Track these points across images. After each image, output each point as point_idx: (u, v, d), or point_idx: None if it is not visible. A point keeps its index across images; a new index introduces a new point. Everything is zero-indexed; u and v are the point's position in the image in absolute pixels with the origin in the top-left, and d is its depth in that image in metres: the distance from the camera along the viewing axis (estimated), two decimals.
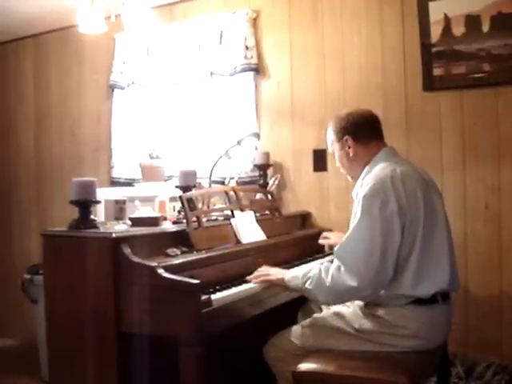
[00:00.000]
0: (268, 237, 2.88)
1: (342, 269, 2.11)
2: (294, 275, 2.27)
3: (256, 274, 2.43)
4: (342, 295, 2.16)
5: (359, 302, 2.29)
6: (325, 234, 3.14)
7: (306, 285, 2.19)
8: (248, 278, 2.42)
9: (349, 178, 2.49)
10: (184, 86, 3.97)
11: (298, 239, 3.15)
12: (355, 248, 2.12)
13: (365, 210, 2.14)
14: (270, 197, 3.24)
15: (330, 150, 2.51)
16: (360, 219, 2.14)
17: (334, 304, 2.34)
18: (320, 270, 2.17)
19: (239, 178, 3.57)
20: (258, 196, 3.37)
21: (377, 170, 2.25)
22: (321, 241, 3.14)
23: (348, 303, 2.34)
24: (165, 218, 2.69)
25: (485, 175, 3.06)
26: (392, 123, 3.19)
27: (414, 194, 2.17)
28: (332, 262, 2.19)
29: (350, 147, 2.36)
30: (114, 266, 2.14)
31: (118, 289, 2.14)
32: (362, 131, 2.36)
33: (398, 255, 2.12)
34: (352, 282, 2.08)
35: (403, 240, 2.12)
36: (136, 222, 2.51)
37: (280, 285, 2.34)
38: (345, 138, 2.36)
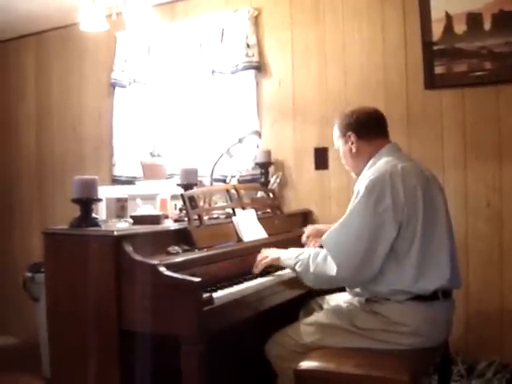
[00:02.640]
0: (269, 235, 2.88)
1: (328, 257, 2.16)
2: (289, 256, 2.38)
3: (257, 262, 2.53)
4: (325, 282, 2.25)
5: (360, 299, 2.30)
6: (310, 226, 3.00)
7: (296, 266, 2.30)
8: (254, 269, 2.52)
9: (353, 174, 2.50)
10: (185, 84, 3.97)
11: (299, 237, 3.13)
12: (341, 239, 2.17)
13: (359, 204, 2.17)
14: (271, 195, 3.24)
15: (335, 145, 2.53)
16: (352, 212, 2.18)
17: (321, 288, 2.45)
18: (309, 255, 2.25)
19: (240, 176, 3.57)
20: (260, 194, 3.38)
21: (378, 165, 2.27)
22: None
23: (349, 300, 2.36)
24: (166, 216, 2.69)
25: (486, 173, 3.05)
26: (393, 121, 3.15)
27: (414, 191, 2.17)
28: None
29: (352, 143, 2.39)
30: (115, 264, 2.14)
31: (120, 287, 2.14)
32: (365, 128, 2.38)
33: (396, 251, 2.14)
34: (332, 271, 2.14)
35: (401, 236, 2.13)
36: (137, 220, 2.51)
37: (276, 263, 2.47)
38: (348, 133, 2.39)
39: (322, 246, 2.27)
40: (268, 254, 2.51)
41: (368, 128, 2.39)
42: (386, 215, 2.11)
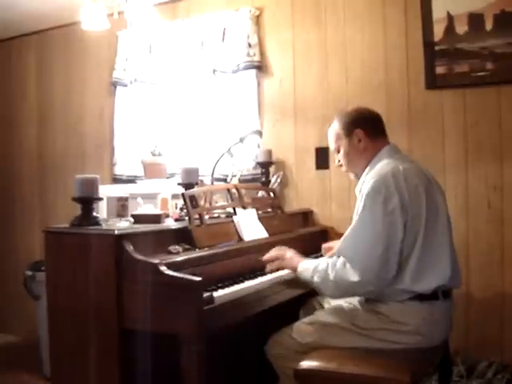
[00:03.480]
0: (270, 234, 2.88)
1: (347, 265, 2.14)
2: (306, 267, 2.32)
3: (272, 254, 2.47)
4: (346, 290, 2.19)
5: (360, 298, 2.30)
6: (325, 245, 2.97)
7: (315, 278, 2.24)
8: (263, 258, 2.47)
9: (351, 176, 2.49)
10: (186, 84, 3.97)
11: (300, 237, 3.15)
12: (358, 244, 2.15)
13: (367, 206, 2.15)
14: (272, 194, 3.24)
15: (332, 146, 2.50)
16: (363, 215, 2.17)
17: (340, 298, 2.36)
18: (327, 265, 2.21)
19: (241, 175, 3.57)
20: (260, 194, 3.38)
21: (379, 167, 2.27)
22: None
23: (349, 299, 2.36)
24: (167, 215, 2.69)
25: (487, 174, 3.05)
26: (394, 121, 3.19)
27: (416, 191, 2.18)
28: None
29: (360, 140, 2.37)
30: (116, 263, 2.14)
31: (120, 286, 2.14)
32: (372, 125, 2.39)
33: (400, 251, 2.13)
34: (355, 277, 2.11)
35: (405, 236, 2.13)
36: (138, 219, 2.51)
37: (292, 271, 2.41)
38: (356, 130, 2.37)
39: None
40: (285, 256, 2.43)
41: (374, 126, 2.40)
42: (396, 213, 2.12)
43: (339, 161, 2.49)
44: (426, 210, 2.17)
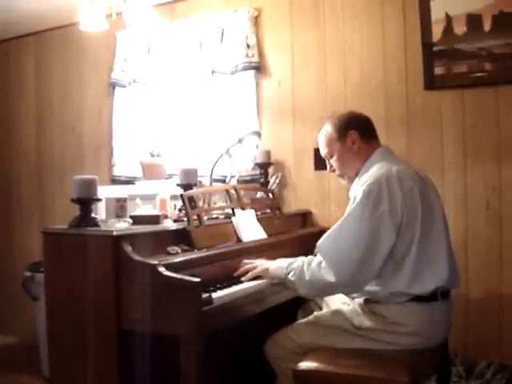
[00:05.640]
0: (269, 235, 2.88)
1: (323, 264, 2.14)
2: (279, 266, 2.32)
3: (242, 270, 2.45)
4: (321, 289, 2.21)
5: (359, 300, 2.30)
6: None
7: (289, 276, 2.24)
8: (236, 274, 2.44)
9: (343, 180, 2.49)
10: (185, 85, 3.98)
11: (299, 238, 3.15)
12: (338, 244, 2.16)
13: (355, 209, 2.16)
14: (270, 195, 3.24)
15: (324, 152, 2.49)
16: (349, 217, 2.17)
17: (315, 297, 2.41)
18: (303, 263, 2.21)
19: (240, 176, 3.57)
20: (259, 194, 3.38)
21: (373, 170, 2.27)
22: None
23: (348, 301, 2.36)
24: (166, 216, 2.69)
25: (486, 174, 3.05)
26: (393, 122, 3.20)
27: (411, 193, 2.18)
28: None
29: (354, 142, 2.37)
30: (114, 264, 2.14)
31: (119, 287, 2.14)
32: (365, 127, 2.40)
33: (394, 254, 2.14)
34: (330, 277, 2.11)
35: (400, 239, 2.13)
36: (137, 220, 2.51)
37: (265, 275, 2.38)
38: (350, 132, 2.37)
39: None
40: (258, 265, 2.43)
41: (367, 128, 2.41)
42: (383, 219, 2.11)
43: (331, 166, 2.49)
44: (421, 212, 2.17)
